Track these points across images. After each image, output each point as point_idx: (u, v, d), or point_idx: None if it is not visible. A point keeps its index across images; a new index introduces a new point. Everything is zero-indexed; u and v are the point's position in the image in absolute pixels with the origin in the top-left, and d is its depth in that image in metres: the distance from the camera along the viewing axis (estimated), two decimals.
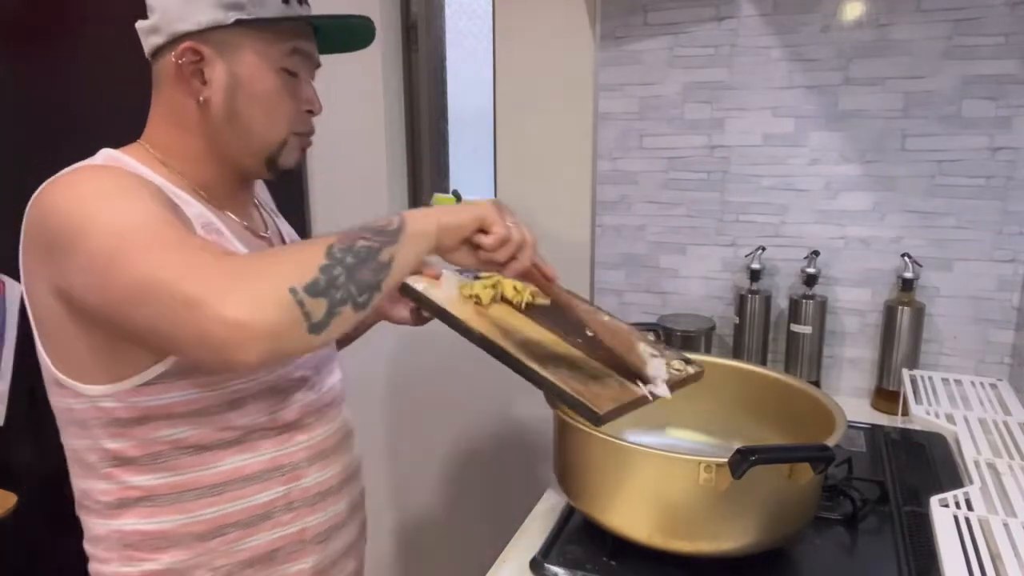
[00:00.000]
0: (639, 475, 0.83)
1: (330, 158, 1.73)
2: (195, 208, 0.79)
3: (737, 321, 1.38)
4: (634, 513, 0.85)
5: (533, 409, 1.60)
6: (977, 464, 0.94)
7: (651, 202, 1.45)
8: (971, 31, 1.19)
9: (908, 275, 1.26)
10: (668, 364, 0.91)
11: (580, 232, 1.53)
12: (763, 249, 1.36)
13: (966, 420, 1.06)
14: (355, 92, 1.67)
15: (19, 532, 1.29)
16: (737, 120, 1.36)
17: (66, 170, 0.73)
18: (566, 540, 0.94)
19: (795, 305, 1.33)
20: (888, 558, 0.88)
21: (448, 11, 1.74)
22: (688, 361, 0.94)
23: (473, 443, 1.76)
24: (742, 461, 0.74)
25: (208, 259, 0.64)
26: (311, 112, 0.86)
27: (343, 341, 1.08)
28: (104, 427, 0.75)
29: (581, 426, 0.88)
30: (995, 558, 0.75)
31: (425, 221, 0.74)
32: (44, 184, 0.72)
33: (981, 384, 1.22)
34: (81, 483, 0.80)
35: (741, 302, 1.36)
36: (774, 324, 1.39)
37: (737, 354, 1.38)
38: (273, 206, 1.01)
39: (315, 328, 0.63)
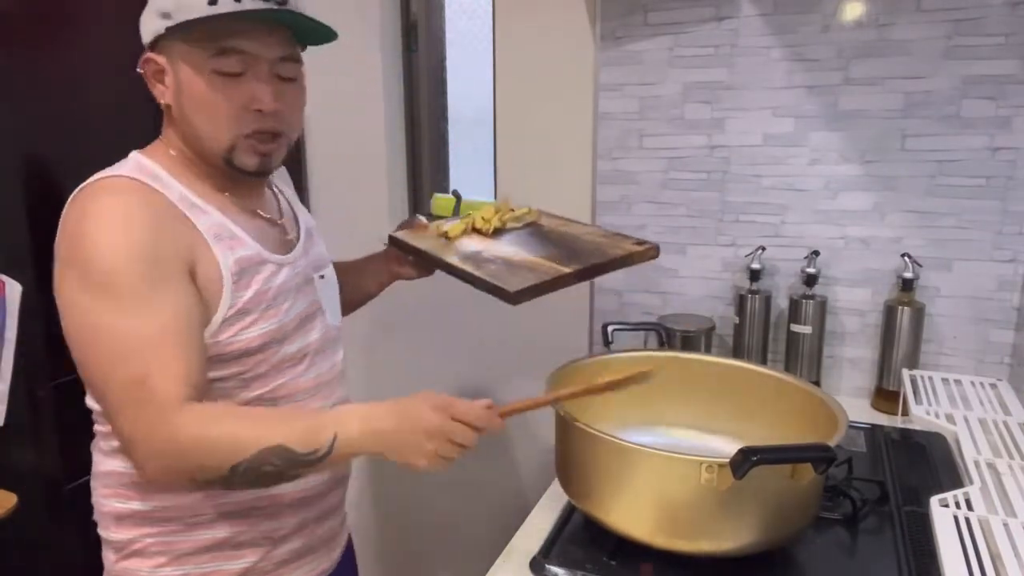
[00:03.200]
0: (641, 475, 0.83)
1: (330, 158, 1.73)
2: (212, 217, 0.85)
3: (737, 321, 1.38)
4: (636, 513, 0.85)
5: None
6: (977, 464, 0.94)
7: (651, 202, 1.45)
8: (971, 31, 1.19)
9: (908, 275, 1.26)
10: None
11: None
12: (763, 249, 1.36)
13: (966, 420, 1.06)
14: (355, 92, 1.67)
15: (19, 532, 1.29)
16: (737, 120, 1.36)
17: (99, 178, 0.82)
18: (566, 540, 0.94)
19: (795, 305, 1.33)
20: (888, 558, 0.89)
21: (448, 11, 1.74)
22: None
23: None
24: (744, 461, 0.75)
25: (145, 405, 0.75)
26: (260, 111, 0.84)
27: (351, 305, 1.16)
28: None
29: (582, 426, 0.88)
30: (995, 558, 0.75)
31: (362, 446, 0.78)
32: (78, 189, 0.81)
33: (981, 384, 1.22)
34: (97, 425, 0.90)
35: (741, 302, 1.36)
36: (774, 324, 1.39)
37: (737, 354, 1.38)
38: (292, 194, 1.06)
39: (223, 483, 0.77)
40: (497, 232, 1.11)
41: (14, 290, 1.24)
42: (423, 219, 1.14)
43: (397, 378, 1.80)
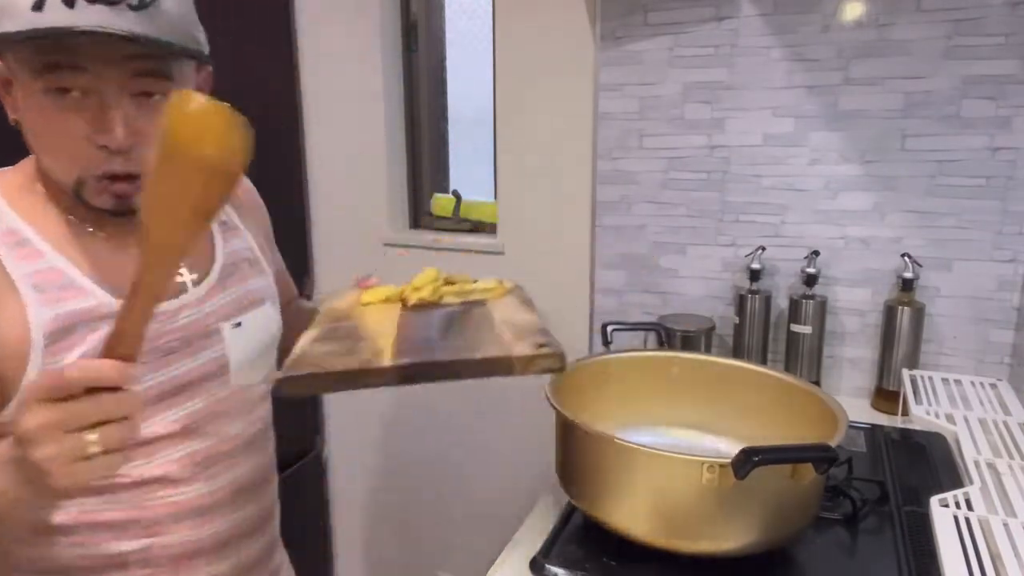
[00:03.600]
0: (641, 475, 0.83)
1: (330, 158, 1.73)
2: (44, 261, 0.68)
3: (737, 321, 1.38)
4: (636, 513, 0.85)
5: (533, 408, 1.60)
6: (977, 464, 0.94)
7: (651, 202, 1.45)
8: (971, 31, 1.19)
9: (908, 275, 1.26)
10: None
11: (580, 232, 1.53)
12: (763, 249, 1.36)
13: (966, 420, 1.06)
14: (355, 92, 1.67)
15: None
16: (737, 120, 1.36)
17: None
18: (566, 540, 0.93)
19: (795, 305, 1.33)
20: (888, 558, 0.88)
21: (448, 11, 1.74)
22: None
23: (473, 442, 1.76)
24: (746, 461, 0.75)
25: None
26: (106, 148, 0.64)
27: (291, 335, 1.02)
28: None
29: (583, 426, 0.88)
30: (995, 558, 0.75)
31: (5, 487, 0.57)
32: None
33: (981, 384, 1.22)
34: None
35: (741, 302, 1.36)
36: (774, 324, 1.39)
37: (737, 354, 1.38)
38: (232, 217, 0.87)
39: None
40: (425, 306, 0.92)
41: None
42: (374, 280, 0.98)
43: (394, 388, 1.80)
